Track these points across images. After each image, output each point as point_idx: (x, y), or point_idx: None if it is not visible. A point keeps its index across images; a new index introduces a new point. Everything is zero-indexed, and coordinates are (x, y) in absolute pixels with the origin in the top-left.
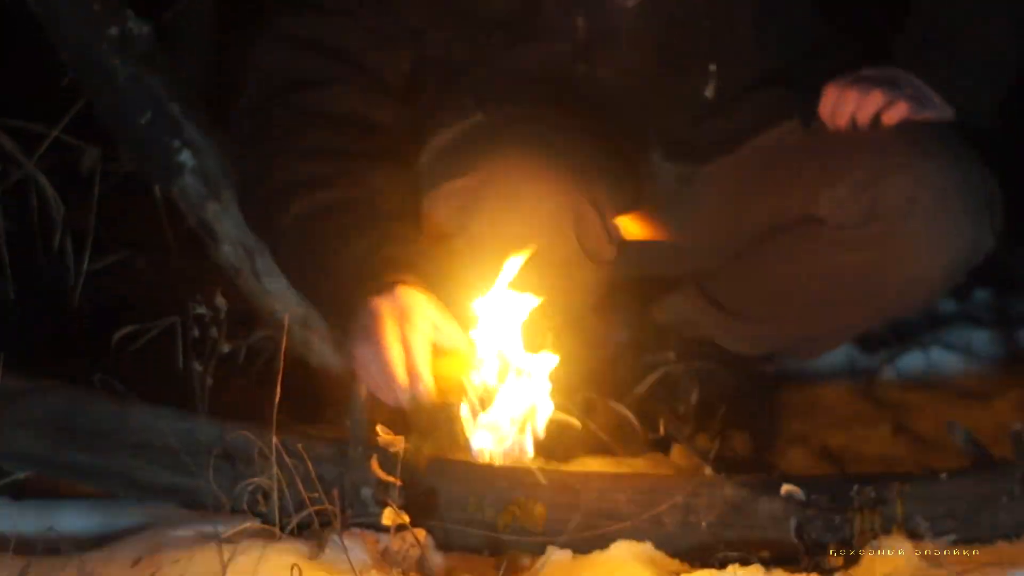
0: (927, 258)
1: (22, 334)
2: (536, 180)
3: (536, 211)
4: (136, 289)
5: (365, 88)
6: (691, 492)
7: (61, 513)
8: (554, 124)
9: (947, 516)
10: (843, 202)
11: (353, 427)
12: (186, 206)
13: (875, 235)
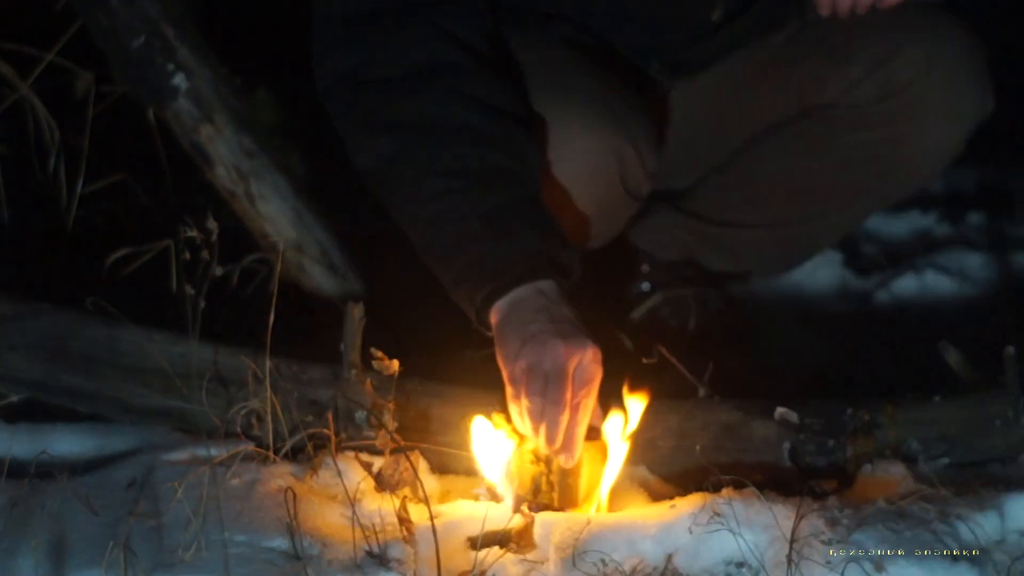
0: (943, 125)
1: (15, 258)
2: (580, 131)
3: (584, 162)
4: (129, 213)
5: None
6: (685, 415)
7: (54, 436)
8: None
9: (941, 439)
10: (857, 82)
11: (347, 350)
12: (179, 129)
13: (891, 110)
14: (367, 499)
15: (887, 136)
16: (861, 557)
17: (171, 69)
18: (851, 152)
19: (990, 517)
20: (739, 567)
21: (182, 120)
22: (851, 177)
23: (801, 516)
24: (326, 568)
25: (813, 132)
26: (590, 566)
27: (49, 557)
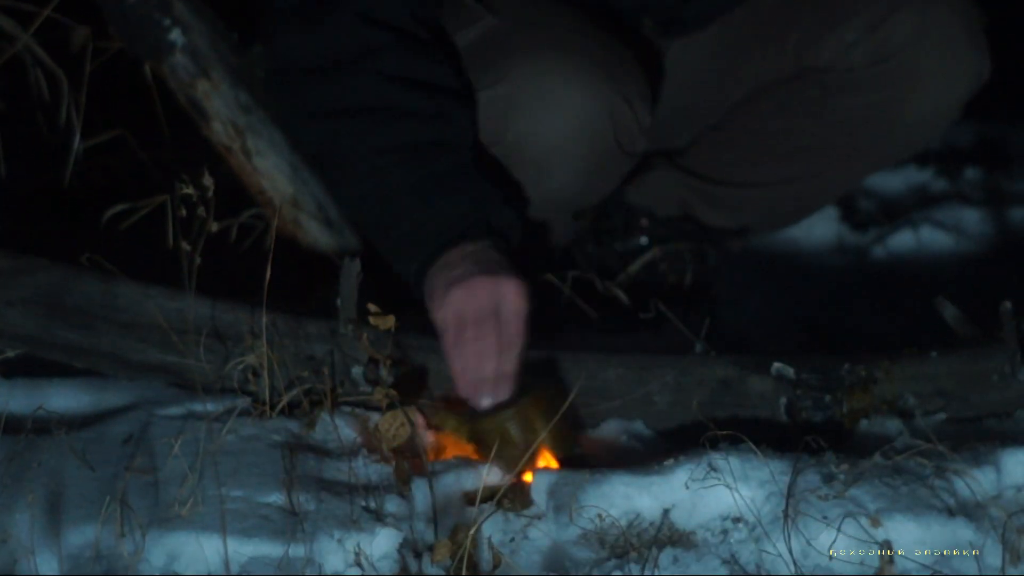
0: (939, 89)
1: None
2: (571, 84)
3: (575, 115)
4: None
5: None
6: (681, 371)
7: (51, 392)
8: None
9: (937, 395)
10: (852, 45)
11: (343, 305)
12: (176, 84)
13: (886, 73)
14: (363, 454)
15: (882, 100)
16: (857, 512)
17: (167, 24)
18: (847, 114)
19: (986, 472)
20: (735, 522)
21: (178, 75)
22: (847, 139)
23: (797, 472)
24: (322, 523)
25: (809, 93)
26: (587, 521)
27: (45, 512)
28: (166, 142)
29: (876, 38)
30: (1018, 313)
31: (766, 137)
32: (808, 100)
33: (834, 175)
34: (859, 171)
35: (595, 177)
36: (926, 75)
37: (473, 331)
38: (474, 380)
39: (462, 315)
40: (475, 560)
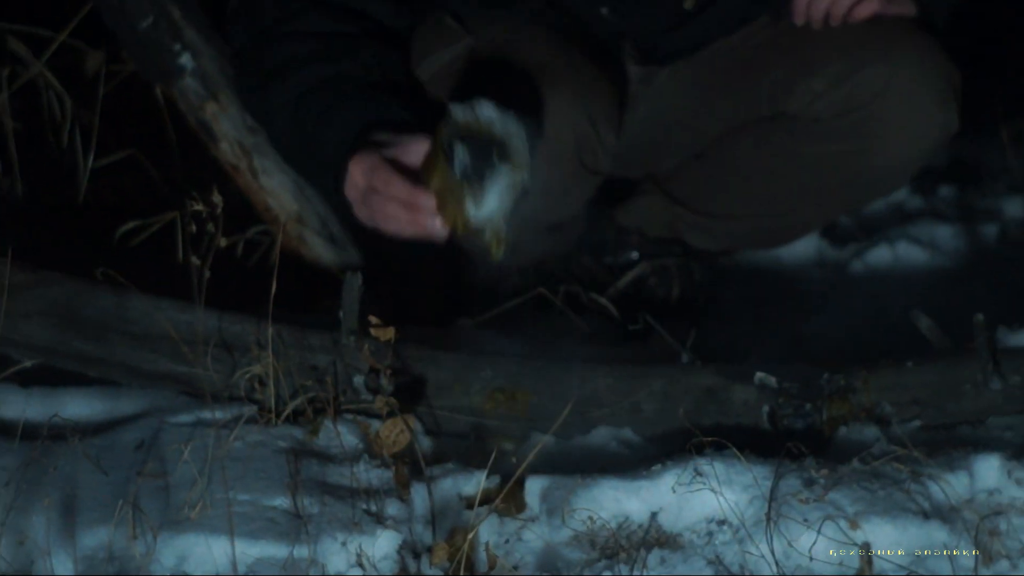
0: (902, 142)
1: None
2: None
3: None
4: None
5: None
6: (668, 380)
7: (66, 400)
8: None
9: (913, 403)
10: (820, 94)
11: (345, 317)
12: (186, 107)
13: (852, 125)
14: (365, 460)
15: (847, 149)
16: (837, 515)
17: (178, 49)
18: (815, 160)
19: (960, 477)
20: (720, 525)
21: (188, 98)
22: (816, 183)
23: (779, 476)
24: (326, 526)
25: (780, 137)
26: (578, 524)
27: (61, 515)
28: (176, 162)
29: (843, 90)
30: (990, 325)
31: (742, 173)
32: (778, 143)
33: (806, 214)
34: (830, 212)
35: (559, 193)
36: (890, 130)
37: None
38: (409, 224)
39: (366, 184)
40: (472, 561)
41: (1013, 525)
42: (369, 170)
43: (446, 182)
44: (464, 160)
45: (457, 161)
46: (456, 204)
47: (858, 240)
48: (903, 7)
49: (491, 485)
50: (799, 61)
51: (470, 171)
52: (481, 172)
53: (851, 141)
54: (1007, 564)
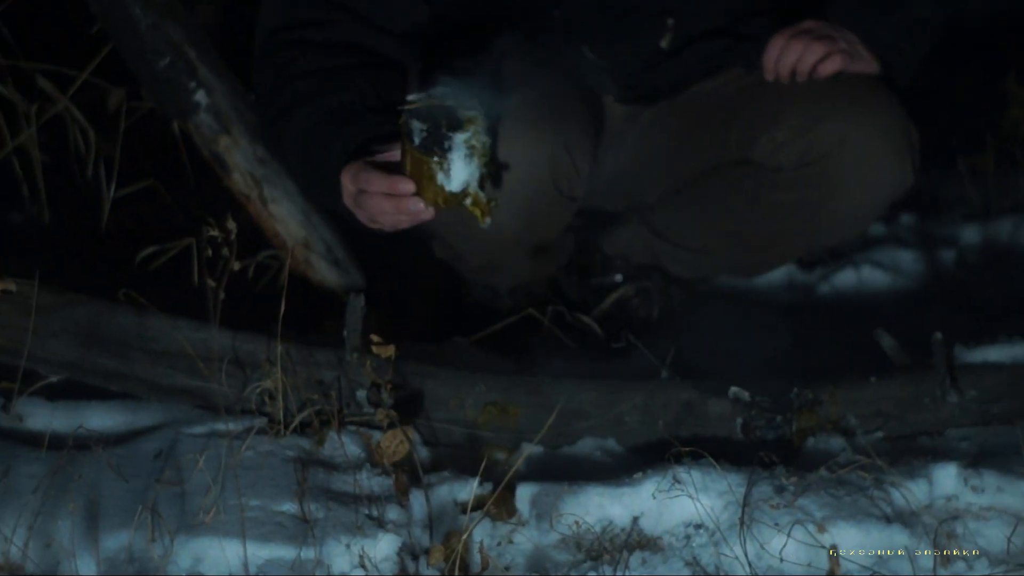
0: (857, 195)
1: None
2: (515, 132)
3: (516, 160)
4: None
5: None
6: (649, 394)
7: (89, 413)
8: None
9: (876, 415)
10: (782, 145)
11: (349, 336)
12: (200, 140)
13: (811, 175)
14: (367, 468)
15: (807, 199)
16: (805, 520)
17: (193, 87)
18: (777, 207)
19: (920, 484)
20: (697, 529)
21: (203, 132)
22: (780, 227)
23: (752, 483)
24: (331, 529)
25: (747, 182)
26: (566, 528)
27: (85, 519)
28: (192, 191)
29: (803, 142)
30: (948, 344)
31: (713, 213)
32: (744, 188)
33: (772, 253)
34: (794, 252)
35: (537, 216)
36: (847, 182)
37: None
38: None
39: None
40: (466, 562)
41: (969, 529)
42: (354, 175)
43: (414, 160)
44: (421, 134)
45: (415, 137)
46: (429, 180)
47: (825, 264)
48: (866, 65)
49: (484, 492)
50: (765, 112)
51: (429, 143)
52: (439, 142)
53: (810, 191)
54: (963, 565)
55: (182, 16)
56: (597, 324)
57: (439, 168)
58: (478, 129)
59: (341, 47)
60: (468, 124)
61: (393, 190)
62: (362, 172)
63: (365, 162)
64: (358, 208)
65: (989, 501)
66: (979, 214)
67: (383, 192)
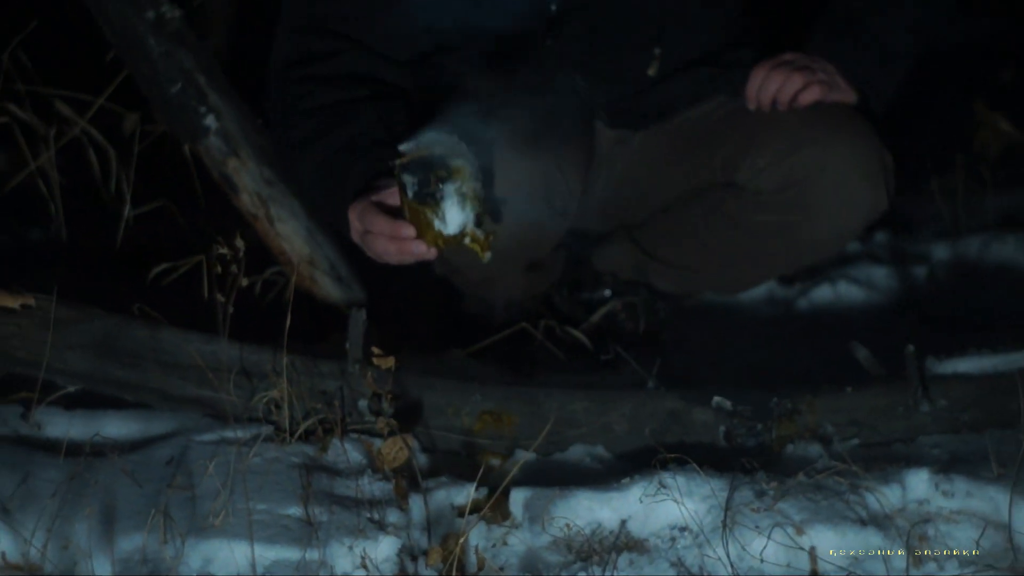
0: (834, 218)
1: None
2: (511, 151)
3: (512, 177)
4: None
5: (365, 56)
6: (636, 403)
7: (105, 421)
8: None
9: (851, 423)
10: (763, 169)
11: (351, 348)
12: (210, 162)
13: (790, 199)
14: (368, 474)
15: (786, 220)
16: (785, 523)
17: (203, 111)
18: (758, 228)
19: (893, 489)
20: (682, 531)
21: (213, 154)
22: (760, 247)
23: (734, 488)
24: (334, 532)
25: (730, 205)
26: (557, 530)
27: (100, 522)
28: (202, 211)
29: (783, 167)
30: (920, 355)
31: (698, 233)
32: (727, 210)
33: (754, 271)
34: (774, 271)
35: (531, 231)
36: (823, 206)
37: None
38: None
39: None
40: (463, 563)
41: (940, 531)
42: (360, 215)
43: (411, 210)
44: (414, 187)
45: (409, 190)
46: (427, 226)
47: (803, 280)
48: (843, 95)
49: (480, 496)
50: (747, 138)
51: (422, 195)
52: (431, 193)
53: (789, 213)
54: (935, 566)
55: (193, 44)
56: (587, 337)
57: (435, 215)
58: (467, 176)
59: (347, 79)
60: (456, 174)
61: (395, 234)
62: (367, 214)
63: (370, 202)
64: (364, 245)
65: (959, 505)
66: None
67: (386, 235)
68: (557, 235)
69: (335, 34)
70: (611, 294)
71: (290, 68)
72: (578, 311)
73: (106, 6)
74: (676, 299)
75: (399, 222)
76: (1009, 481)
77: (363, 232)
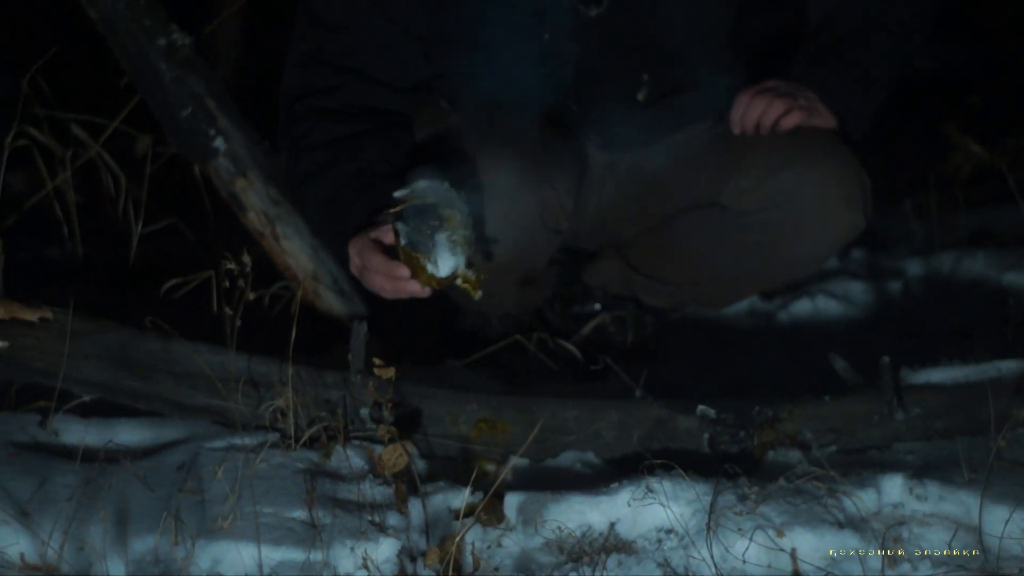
0: (813, 237)
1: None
2: (507, 171)
3: (508, 195)
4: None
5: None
6: (624, 412)
7: (119, 429)
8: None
9: (829, 431)
10: (746, 190)
11: (353, 359)
12: (219, 182)
13: (771, 219)
14: (369, 479)
15: (767, 239)
16: (766, 525)
17: (212, 134)
18: (741, 246)
19: (869, 493)
20: (668, 533)
21: (221, 175)
22: (743, 264)
23: (718, 492)
24: (337, 534)
25: (714, 223)
26: (549, 532)
27: (115, 525)
28: (211, 228)
29: (765, 188)
30: (894, 366)
31: (683, 251)
32: (711, 229)
33: (736, 287)
34: (756, 287)
35: (525, 247)
36: (803, 225)
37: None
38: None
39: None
40: (459, 564)
41: (914, 534)
42: (359, 252)
43: (405, 254)
44: (407, 235)
45: (403, 238)
46: (420, 268)
47: (783, 295)
48: (823, 120)
49: (475, 500)
50: (732, 161)
51: (415, 243)
52: (424, 240)
53: (770, 232)
54: (909, 567)
55: (203, 70)
56: (577, 349)
57: (427, 260)
58: (457, 224)
59: (351, 111)
60: (447, 223)
61: (391, 274)
62: (365, 251)
63: (369, 239)
64: (362, 279)
65: (932, 508)
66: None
67: (383, 273)
68: (550, 251)
69: (338, 67)
70: (601, 308)
71: (296, 102)
72: (569, 324)
73: (120, 34)
74: (662, 313)
75: (395, 263)
76: (979, 486)
77: (361, 268)
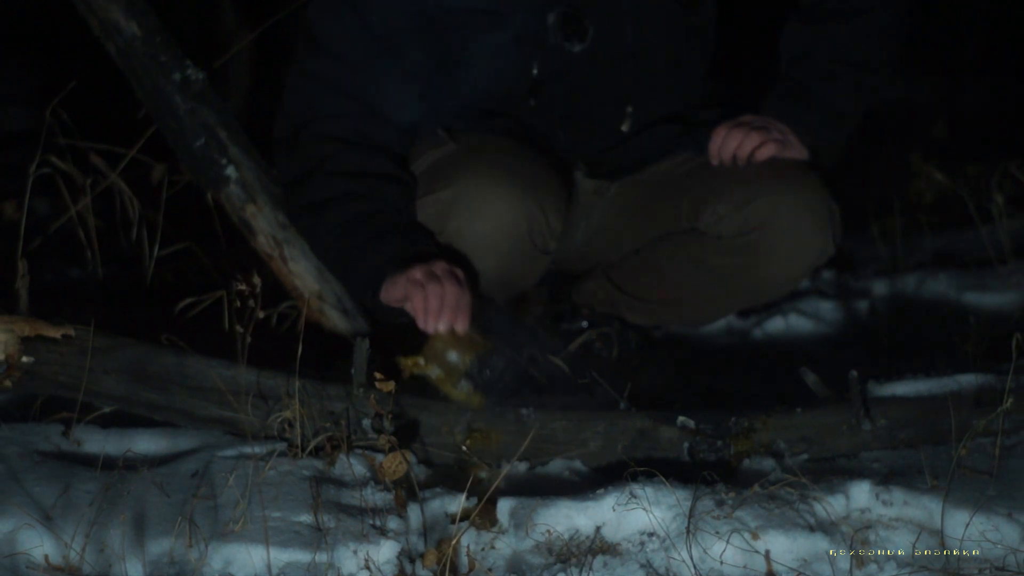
0: (785, 261)
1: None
2: (497, 193)
3: (499, 216)
4: (193, 271)
5: (370, 118)
6: (609, 422)
7: (137, 439)
8: (508, 150)
9: (801, 440)
10: (723, 217)
11: (356, 374)
12: (231, 208)
13: (746, 243)
14: (371, 485)
15: (742, 264)
16: (742, 529)
17: (224, 163)
18: (718, 269)
19: (838, 499)
20: (650, 536)
21: (232, 201)
22: (720, 286)
23: (697, 498)
24: (340, 537)
25: (693, 248)
26: (539, 535)
27: (133, 528)
28: (223, 251)
29: (740, 215)
30: (862, 380)
31: (663, 273)
32: (690, 253)
33: (714, 307)
34: (733, 307)
35: (515, 267)
36: (776, 250)
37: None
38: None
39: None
40: (455, 565)
41: (880, 536)
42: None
43: None
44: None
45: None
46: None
47: (759, 314)
48: (796, 151)
49: (470, 505)
50: (709, 189)
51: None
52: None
53: (745, 257)
54: (875, 567)
55: (215, 102)
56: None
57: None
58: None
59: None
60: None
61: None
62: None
63: None
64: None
65: (897, 513)
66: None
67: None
68: (539, 270)
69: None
70: (588, 325)
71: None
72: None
73: (137, 69)
74: (646, 330)
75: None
76: (942, 492)
77: (428, 272)
